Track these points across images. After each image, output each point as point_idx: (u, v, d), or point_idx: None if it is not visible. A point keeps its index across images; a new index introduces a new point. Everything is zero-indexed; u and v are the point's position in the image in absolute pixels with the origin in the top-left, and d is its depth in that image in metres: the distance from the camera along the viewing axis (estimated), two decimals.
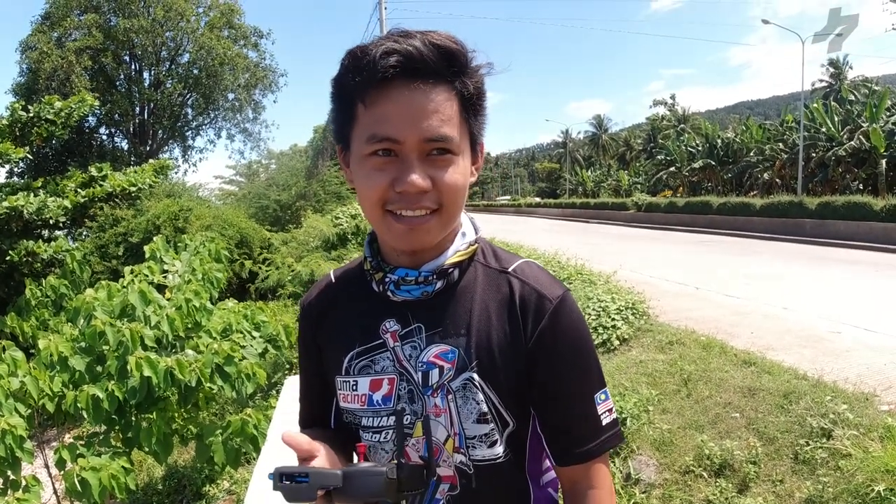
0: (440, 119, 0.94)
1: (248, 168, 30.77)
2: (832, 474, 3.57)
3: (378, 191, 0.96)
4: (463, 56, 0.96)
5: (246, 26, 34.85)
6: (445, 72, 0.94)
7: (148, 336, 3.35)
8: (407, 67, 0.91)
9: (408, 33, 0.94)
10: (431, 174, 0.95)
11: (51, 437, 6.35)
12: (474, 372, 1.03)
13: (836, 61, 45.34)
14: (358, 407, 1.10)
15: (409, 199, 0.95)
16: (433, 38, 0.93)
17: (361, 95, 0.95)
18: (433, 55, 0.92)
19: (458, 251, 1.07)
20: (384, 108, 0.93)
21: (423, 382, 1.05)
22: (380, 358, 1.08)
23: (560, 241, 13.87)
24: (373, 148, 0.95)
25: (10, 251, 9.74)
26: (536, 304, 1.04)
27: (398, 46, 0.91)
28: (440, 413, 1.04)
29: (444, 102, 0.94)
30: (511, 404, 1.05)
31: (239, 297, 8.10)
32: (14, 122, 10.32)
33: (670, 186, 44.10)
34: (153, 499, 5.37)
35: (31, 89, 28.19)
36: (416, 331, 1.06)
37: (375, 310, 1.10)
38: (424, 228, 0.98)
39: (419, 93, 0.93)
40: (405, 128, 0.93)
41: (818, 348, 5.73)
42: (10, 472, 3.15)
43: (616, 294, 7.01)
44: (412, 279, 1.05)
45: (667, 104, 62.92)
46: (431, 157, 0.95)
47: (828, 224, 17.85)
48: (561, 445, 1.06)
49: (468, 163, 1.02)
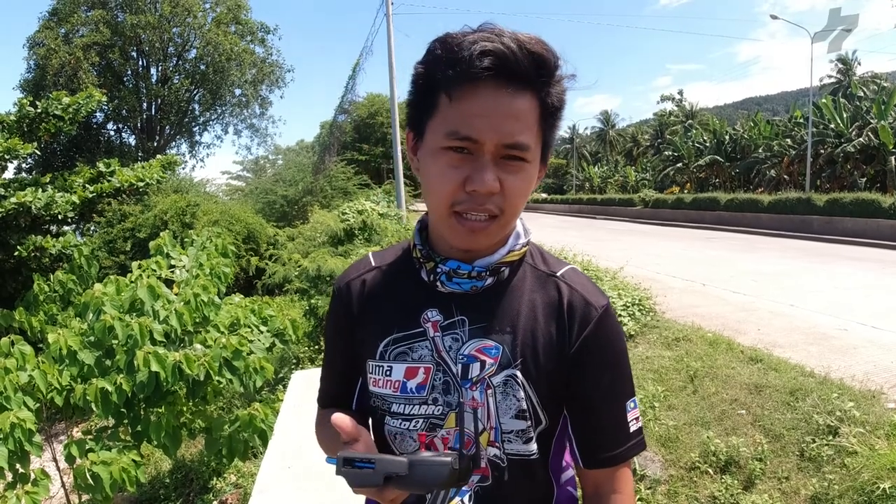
0: (521, 126, 0.94)
1: (255, 164, 30.89)
2: (838, 472, 3.57)
3: (450, 187, 0.97)
4: (552, 64, 0.95)
5: (252, 22, 34.85)
6: (534, 78, 0.94)
7: (157, 330, 3.38)
8: (500, 69, 0.91)
9: (501, 32, 0.93)
10: (501, 177, 0.95)
11: (59, 431, 6.40)
12: (517, 370, 1.04)
13: (844, 57, 44.94)
14: (390, 392, 1.10)
15: (478, 199, 0.96)
16: (526, 42, 0.92)
17: (449, 89, 0.94)
18: (526, 60, 0.91)
19: (511, 251, 1.08)
20: (469, 107, 0.93)
21: (462, 375, 1.05)
22: (418, 346, 1.09)
23: (566, 236, 13.86)
24: (451, 143, 0.95)
25: (19, 246, 9.78)
26: (583, 311, 1.06)
27: (493, 47, 0.90)
28: (477, 406, 1.05)
29: (527, 109, 0.94)
30: (547, 404, 1.07)
31: (246, 293, 8.13)
32: (22, 118, 10.36)
33: (677, 182, 43.94)
34: (160, 492, 5.40)
35: (38, 85, 28.27)
36: (459, 323, 1.07)
37: (418, 298, 1.10)
38: (485, 233, 0.99)
39: (506, 96, 0.92)
40: (488, 130, 0.93)
41: (825, 345, 5.72)
42: (20, 466, 3.17)
43: (623, 290, 7.01)
44: (465, 273, 1.06)
45: (674, 100, 62.57)
46: (504, 160, 0.96)
47: (836, 221, 17.78)
48: (590, 449, 1.09)
49: (536, 170, 1.02)
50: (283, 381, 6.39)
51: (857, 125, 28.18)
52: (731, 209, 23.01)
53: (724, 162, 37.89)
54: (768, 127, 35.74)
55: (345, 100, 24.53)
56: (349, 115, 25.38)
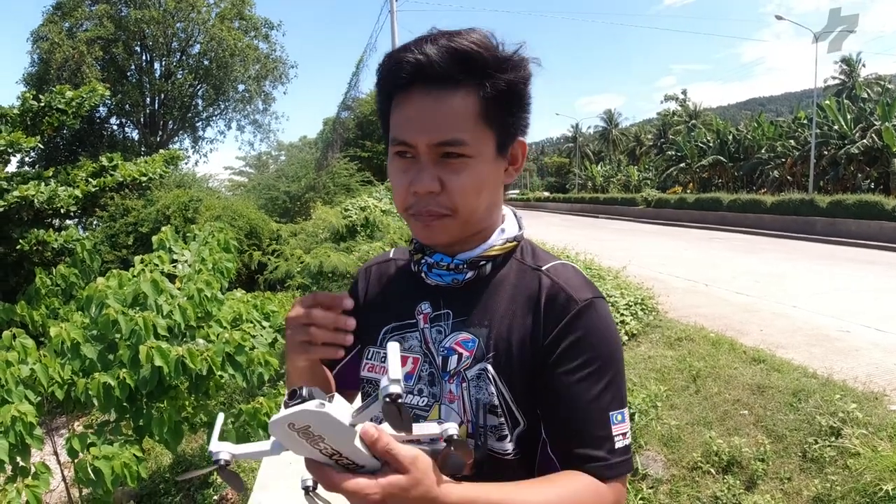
0: (450, 123, 0.96)
1: (258, 159, 30.85)
2: (840, 473, 3.57)
3: (400, 192, 1.02)
4: (482, 59, 0.96)
5: (256, 17, 34.84)
6: (461, 76, 0.96)
7: (161, 325, 3.37)
8: (419, 78, 0.95)
9: (433, 38, 0.97)
10: (443, 177, 0.98)
11: (59, 425, 6.39)
12: (489, 363, 1.03)
13: (848, 59, 44.88)
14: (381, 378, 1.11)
15: (422, 200, 1.00)
16: (455, 42, 0.95)
17: (388, 101, 1.02)
18: (446, 62, 0.94)
19: (493, 246, 1.09)
20: (404, 113, 0.98)
21: (442, 367, 1.07)
22: (410, 336, 1.12)
23: (569, 235, 13.85)
24: (395, 150, 1.01)
25: (21, 240, 9.77)
26: (561, 304, 1.02)
27: (412, 57, 0.95)
28: (454, 399, 1.05)
29: (458, 107, 0.96)
30: (522, 402, 1.03)
31: (247, 288, 8.12)
32: (25, 112, 10.35)
33: (680, 182, 43.96)
34: (161, 486, 5.41)
35: (42, 79, 28.26)
36: (445, 316, 1.09)
37: (415, 290, 1.14)
38: (440, 227, 1.02)
39: (432, 98, 0.96)
40: (416, 133, 0.97)
41: (828, 347, 5.72)
42: (20, 459, 3.17)
43: (625, 289, 6.99)
44: (445, 265, 1.08)
45: (678, 99, 62.53)
46: (445, 159, 0.98)
47: (839, 223, 17.76)
48: (562, 447, 1.01)
49: (490, 165, 1.02)
50: (284, 377, 6.38)
51: (860, 127, 28.19)
52: (734, 210, 22.98)
53: (728, 162, 37.89)
54: (772, 128, 35.74)
55: (348, 96, 24.52)
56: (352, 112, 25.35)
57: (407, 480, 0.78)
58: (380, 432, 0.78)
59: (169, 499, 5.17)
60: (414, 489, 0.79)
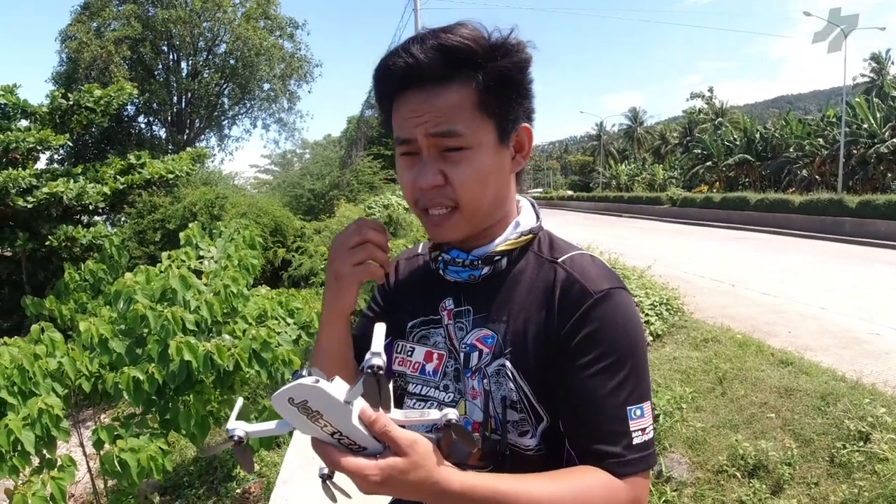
0: (447, 116, 0.97)
1: (283, 157, 31.15)
2: (868, 478, 3.50)
3: (408, 189, 1.05)
4: (472, 50, 0.96)
5: (281, 17, 35.04)
6: (451, 72, 0.97)
7: (189, 320, 3.41)
8: (410, 79, 0.98)
9: (421, 38, 0.98)
10: (445, 171, 0.99)
11: (86, 418, 6.49)
12: (507, 359, 1.03)
13: (878, 56, 44.06)
14: (409, 372, 1.15)
15: (427, 195, 1.02)
16: (442, 39, 0.96)
17: (387, 104, 1.05)
18: (433, 59, 0.95)
19: (507, 240, 1.08)
20: (401, 112, 1.01)
21: (464, 364, 1.08)
22: (434, 332, 1.14)
23: (593, 234, 13.76)
24: (399, 149, 1.04)
25: (50, 236, 9.94)
26: (575, 296, 1.00)
27: (401, 61, 0.97)
28: (476, 395, 1.06)
29: (453, 100, 0.97)
30: (543, 397, 1.02)
31: (272, 285, 8.18)
32: (54, 110, 10.52)
33: (706, 181, 43.49)
34: (185, 479, 5.47)
35: (70, 78, 28.67)
36: (465, 312, 1.10)
37: (438, 286, 1.15)
38: (448, 225, 1.03)
39: (424, 94, 0.97)
40: (413, 128, 0.99)
41: (857, 350, 5.62)
42: (46, 451, 3.22)
43: (650, 289, 6.93)
44: (460, 261, 1.09)
45: (704, 97, 61.71)
46: (446, 153, 0.99)
47: (868, 223, 17.44)
48: (578, 441, 0.99)
49: (491, 155, 1.01)
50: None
51: (890, 126, 27.68)
52: (761, 209, 22.67)
53: (755, 161, 37.41)
54: (800, 126, 35.22)
55: (372, 95, 24.55)
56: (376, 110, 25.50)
57: (405, 463, 0.79)
58: (378, 414, 0.79)
59: (192, 491, 5.23)
60: (413, 472, 0.79)
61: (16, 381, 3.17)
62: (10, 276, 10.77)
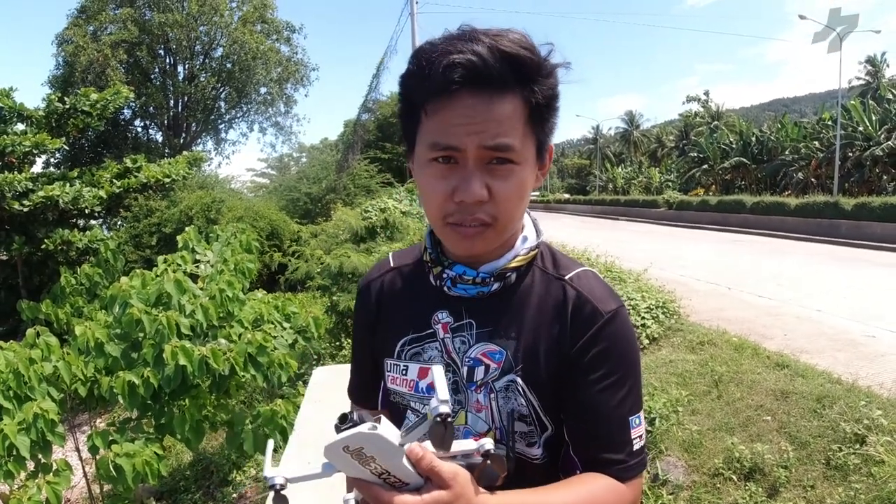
0: (502, 128, 0.92)
1: (280, 161, 31.12)
2: (864, 481, 3.51)
3: (439, 200, 0.97)
4: (533, 63, 0.93)
5: (278, 21, 35.08)
6: (512, 81, 0.92)
7: (184, 324, 3.41)
8: (471, 80, 0.90)
9: (475, 37, 0.91)
10: (490, 184, 0.94)
11: (82, 422, 6.47)
12: (518, 375, 1.04)
13: (873, 58, 44.22)
14: (406, 391, 1.13)
15: (467, 209, 0.95)
16: (502, 45, 0.90)
17: (424, 103, 0.94)
18: (499, 64, 0.90)
19: (517, 255, 1.07)
20: (447, 117, 0.92)
21: (467, 377, 1.07)
22: (428, 347, 1.11)
23: (589, 237, 13.75)
24: (434, 155, 0.95)
25: (46, 240, 9.94)
26: (587, 316, 1.03)
27: (462, 59, 0.89)
28: (481, 409, 1.06)
29: (509, 111, 0.92)
30: (550, 409, 1.05)
31: (268, 289, 8.17)
32: (51, 113, 10.52)
33: (702, 184, 43.51)
34: (181, 483, 5.46)
35: (67, 82, 28.63)
36: (468, 326, 1.08)
37: (430, 300, 1.11)
38: (480, 239, 0.99)
39: (483, 103, 0.91)
40: (466, 136, 0.92)
41: (852, 352, 5.63)
42: (41, 456, 3.21)
43: (646, 292, 6.94)
44: (469, 279, 1.06)
45: (700, 101, 61.80)
46: (492, 165, 0.94)
47: (864, 226, 17.50)
48: (586, 451, 1.04)
49: (531, 171, 1.00)
50: (304, 377, 6.42)
51: (885, 128, 27.75)
52: (757, 212, 22.74)
53: (751, 164, 37.45)
54: (796, 129, 35.25)
55: (369, 98, 24.60)
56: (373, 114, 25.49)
57: (449, 495, 0.81)
58: (424, 451, 0.81)
59: (188, 496, 5.22)
60: (456, 502, 0.82)
61: (11, 385, 3.16)
62: (6, 279, 10.76)
